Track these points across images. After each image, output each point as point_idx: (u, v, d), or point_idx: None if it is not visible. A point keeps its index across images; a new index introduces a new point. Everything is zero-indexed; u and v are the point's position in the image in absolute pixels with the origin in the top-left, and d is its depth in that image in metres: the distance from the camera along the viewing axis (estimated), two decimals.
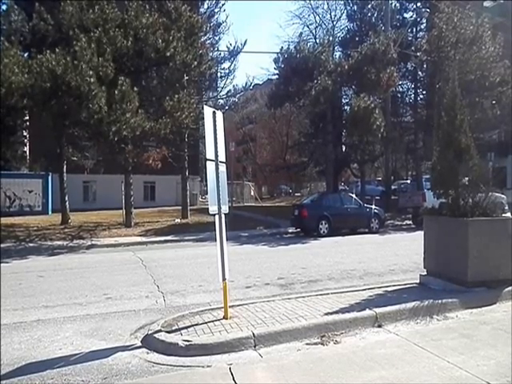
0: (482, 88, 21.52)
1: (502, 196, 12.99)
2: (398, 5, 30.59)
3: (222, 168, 5.62)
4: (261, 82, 38.56)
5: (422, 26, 30.04)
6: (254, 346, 4.62)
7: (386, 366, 3.97)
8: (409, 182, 32.99)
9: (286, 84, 22.44)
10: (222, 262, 5.41)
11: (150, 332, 5.11)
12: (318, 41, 30.47)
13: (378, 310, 5.31)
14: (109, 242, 15.55)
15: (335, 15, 35.24)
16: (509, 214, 7.78)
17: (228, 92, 23.77)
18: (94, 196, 32.72)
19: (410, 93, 30.61)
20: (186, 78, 19.68)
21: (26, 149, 30.00)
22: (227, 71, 23.63)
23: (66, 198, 19.78)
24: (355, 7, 30.20)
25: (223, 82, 24.01)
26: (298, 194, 46.79)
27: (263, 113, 41.38)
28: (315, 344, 4.66)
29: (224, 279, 5.40)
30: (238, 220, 19.05)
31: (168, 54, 16.33)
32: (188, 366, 4.27)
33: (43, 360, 4.55)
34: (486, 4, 28.30)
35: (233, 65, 23.20)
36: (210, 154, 5.43)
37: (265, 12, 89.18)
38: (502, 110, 22.21)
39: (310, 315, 5.30)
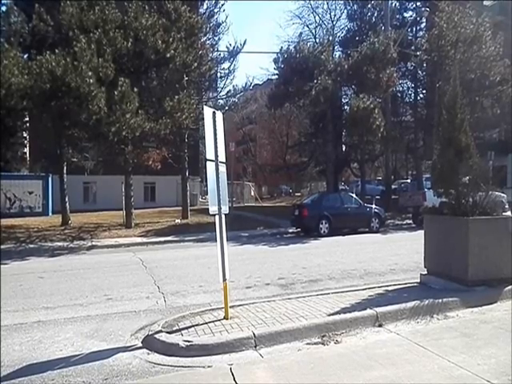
0: (482, 87, 21.54)
1: (503, 195, 12.99)
2: (397, 4, 30.65)
3: (222, 168, 5.62)
4: (261, 82, 38.62)
5: (422, 26, 30.07)
6: (255, 346, 4.62)
7: (386, 365, 3.96)
8: (409, 181, 32.96)
9: (285, 84, 22.41)
10: (222, 262, 5.41)
11: (150, 333, 5.11)
12: (317, 41, 30.51)
13: (379, 310, 5.30)
14: (109, 242, 15.55)
15: (335, 15, 35.31)
16: (509, 213, 7.79)
17: (228, 92, 23.78)
18: (94, 197, 32.72)
19: (410, 92, 30.66)
20: (186, 78, 19.69)
21: (26, 150, 30.04)
22: (227, 71, 23.65)
23: (67, 199, 19.80)
24: (355, 7, 30.22)
25: (223, 82, 24.04)
26: (298, 194, 46.80)
27: (263, 113, 41.39)
28: (316, 344, 4.65)
29: (224, 279, 5.40)
30: (238, 220, 19.05)
31: (168, 54, 16.35)
32: (189, 367, 4.26)
33: (44, 361, 4.55)
34: (486, 3, 28.32)
35: (232, 65, 23.21)
36: (210, 154, 5.43)
37: (265, 12, 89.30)
38: (502, 108, 22.22)
39: (310, 315, 5.30)
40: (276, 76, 25.08)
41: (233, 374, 3.94)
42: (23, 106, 15.31)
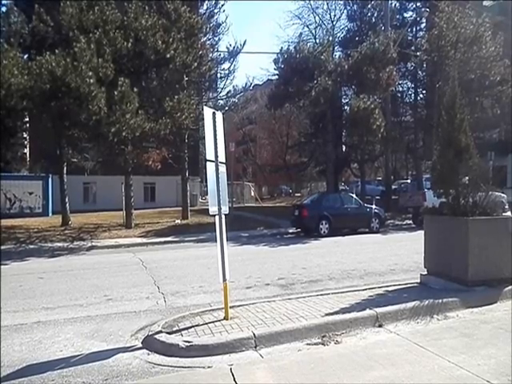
0: (482, 87, 21.54)
1: (502, 195, 12.99)
2: (397, 4, 30.65)
3: (222, 169, 5.62)
4: (261, 83, 38.57)
5: (422, 26, 30.06)
6: (255, 347, 4.61)
7: (386, 365, 3.96)
8: (409, 181, 32.99)
9: (285, 84, 22.42)
10: (222, 262, 5.41)
11: (150, 333, 5.11)
12: (317, 41, 30.51)
13: (379, 310, 5.30)
14: (109, 243, 15.55)
15: (335, 15, 35.28)
16: (509, 213, 7.78)
17: (228, 93, 23.75)
18: (94, 197, 32.74)
19: (409, 92, 30.67)
20: (186, 78, 19.69)
21: (26, 150, 30.03)
22: (227, 72, 23.62)
23: (66, 200, 19.81)
24: (355, 7, 30.24)
25: (223, 82, 24.01)
26: (298, 194, 46.81)
27: (263, 113, 41.37)
28: (316, 344, 4.65)
29: (224, 280, 5.40)
30: (238, 220, 19.05)
31: (168, 55, 16.35)
32: (189, 367, 4.27)
33: (44, 361, 4.55)
34: (485, 3, 28.37)
35: (232, 65, 23.16)
36: (209, 154, 5.43)
37: (265, 12, 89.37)
38: (501, 109, 22.22)
39: (310, 315, 5.30)
40: (276, 76, 25.08)
41: (233, 375, 3.94)
42: (23, 107, 15.30)
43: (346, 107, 25.90)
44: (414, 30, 30.22)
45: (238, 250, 12.99)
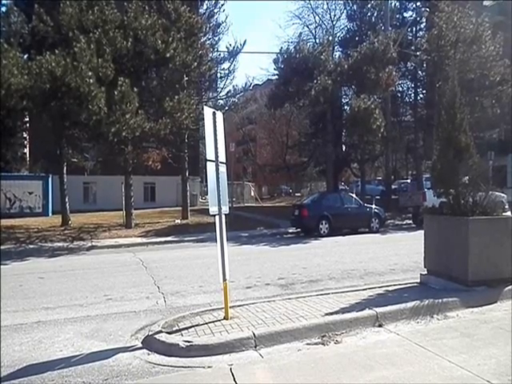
0: (482, 87, 21.52)
1: (502, 195, 12.99)
2: (397, 4, 30.61)
3: (222, 169, 5.62)
4: (260, 83, 38.55)
5: (422, 26, 30.01)
6: (255, 347, 4.61)
7: (386, 365, 3.96)
8: (409, 181, 32.95)
9: (285, 84, 22.43)
10: (222, 262, 5.41)
11: (150, 333, 5.10)
12: (317, 41, 30.48)
13: (379, 310, 5.30)
14: (109, 243, 15.55)
15: (335, 15, 35.14)
16: (509, 213, 7.78)
17: (228, 92, 23.77)
18: (94, 197, 32.75)
19: (409, 92, 30.64)
20: (186, 78, 19.68)
21: (26, 150, 30.05)
22: (227, 72, 23.64)
23: (66, 200, 19.82)
24: (355, 7, 30.20)
25: (223, 82, 24.02)
26: (299, 194, 46.78)
27: (263, 113, 41.36)
28: (316, 344, 4.65)
29: (224, 280, 5.40)
30: (238, 220, 19.05)
31: (168, 54, 16.34)
32: (189, 367, 4.26)
33: (44, 361, 4.55)
34: (485, 3, 28.37)
35: (232, 65, 23.19)
36: (210, 154, 5.43)
37: (265, 12, 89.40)
38: (501, 108, 22.21)
39: (310, 315, 5.30)
40: (276, 76, 25.08)
41: (233, 375, 3.94)
42: (23, 107, 15.30)
43: (345, 107, 25.90)
44: (414, 29, 30.17)
45: (237, 250, 12.98)
